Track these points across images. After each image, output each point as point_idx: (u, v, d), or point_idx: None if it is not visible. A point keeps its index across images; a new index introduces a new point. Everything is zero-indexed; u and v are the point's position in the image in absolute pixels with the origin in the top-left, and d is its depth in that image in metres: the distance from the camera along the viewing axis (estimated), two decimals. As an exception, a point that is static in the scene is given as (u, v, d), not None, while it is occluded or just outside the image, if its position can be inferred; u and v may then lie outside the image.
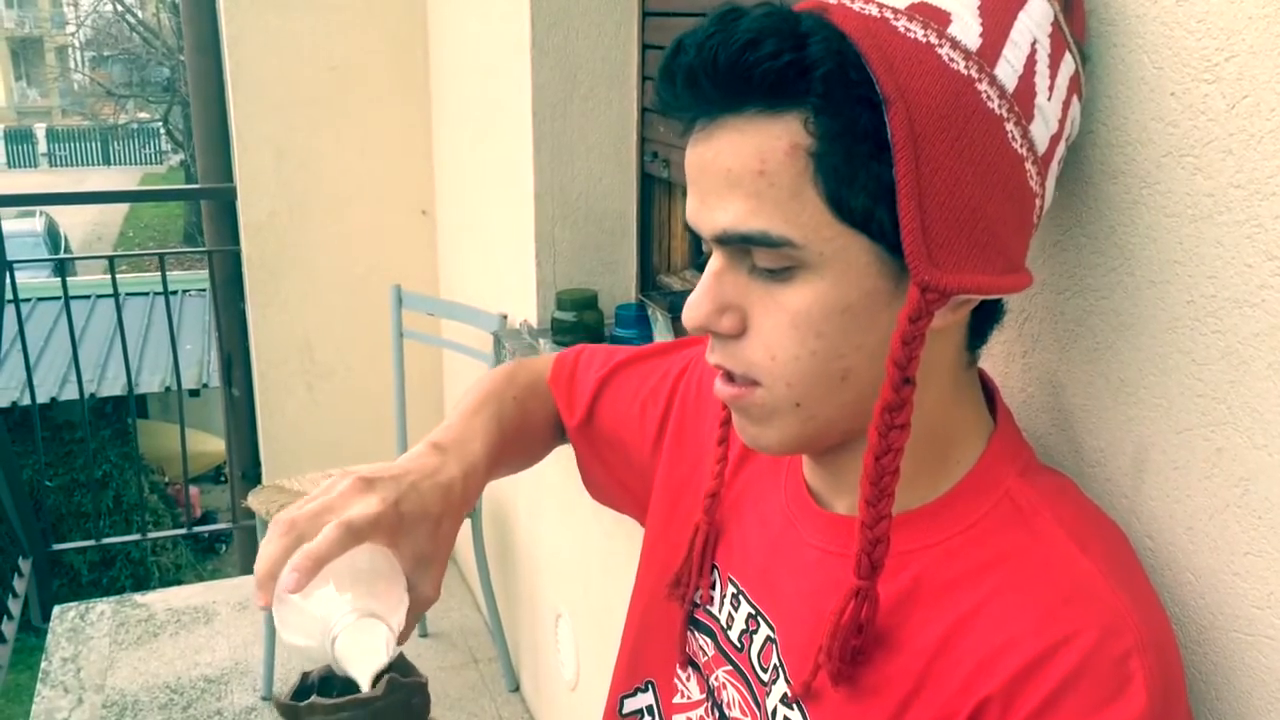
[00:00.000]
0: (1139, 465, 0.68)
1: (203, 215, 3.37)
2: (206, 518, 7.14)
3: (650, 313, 1.70)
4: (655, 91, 0.60)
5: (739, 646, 0.73)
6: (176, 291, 5.67)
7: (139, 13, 16.24)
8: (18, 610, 2.97)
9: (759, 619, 0.72)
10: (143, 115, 19.13)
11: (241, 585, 3.10)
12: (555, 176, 2.00)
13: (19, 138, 20.88)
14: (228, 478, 4.35)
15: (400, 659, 0.59)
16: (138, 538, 3.97)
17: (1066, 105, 0.62)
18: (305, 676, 0.59)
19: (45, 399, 5.78)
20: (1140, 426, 0.68)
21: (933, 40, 0.56)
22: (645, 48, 1.94)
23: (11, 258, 3.03)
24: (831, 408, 0.62)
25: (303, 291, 2.82)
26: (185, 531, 4.08)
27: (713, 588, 0.77)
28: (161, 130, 18.14)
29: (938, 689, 0.59)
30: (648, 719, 0.82)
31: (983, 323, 0.65)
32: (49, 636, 2.84)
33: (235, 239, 2.86)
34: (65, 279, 3.28)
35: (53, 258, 10.39)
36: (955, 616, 0.60)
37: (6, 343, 3.15)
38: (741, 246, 0.60)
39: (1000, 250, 0.59)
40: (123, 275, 5.46)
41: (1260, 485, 0.60)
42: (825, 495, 0.70)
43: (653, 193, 2.02)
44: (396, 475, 0.68)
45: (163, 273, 3.27)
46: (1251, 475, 0.60)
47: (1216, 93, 0.60)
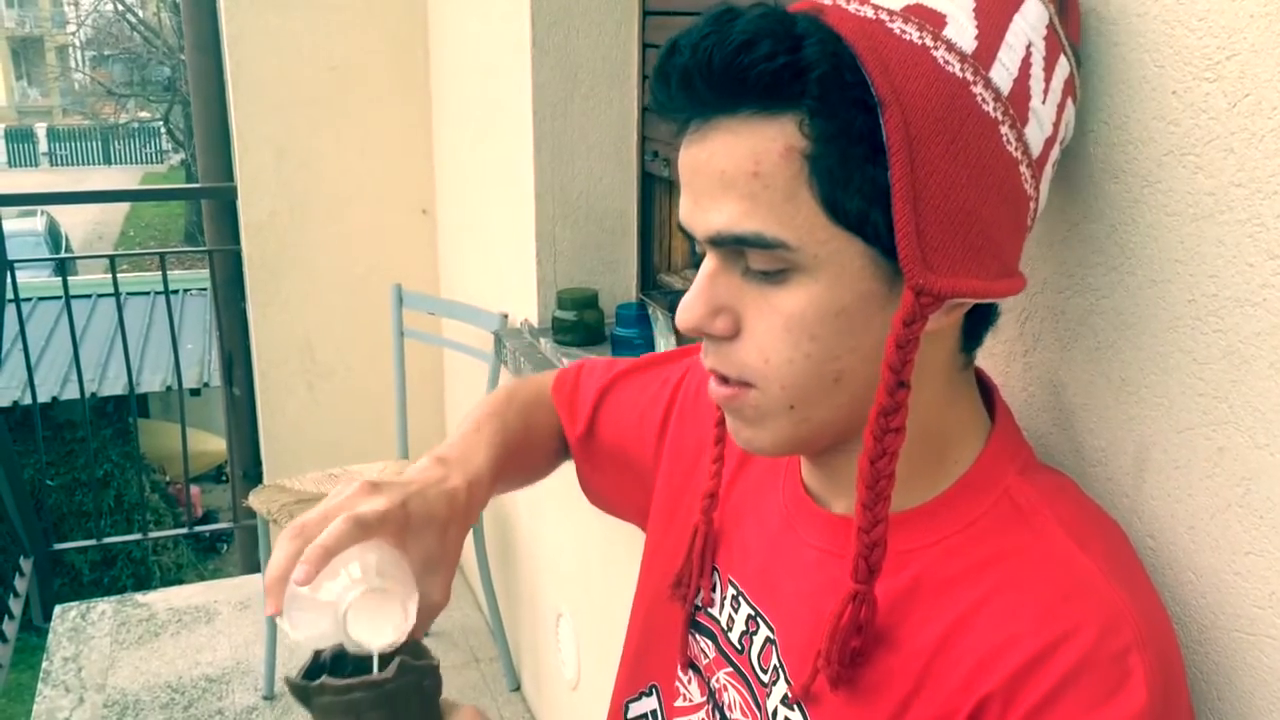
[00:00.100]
0: (1140, 464, 0.68)
1: (203, 215, 3.37)
2: (207, 517, 7.14)
3: (651, 312, 1.69)
4: (650, 92, 0.60)
5: (739, 648, 0.73)
6: (177, 291, 5.67)
7: (139, 12, 16.24)
8: (19, 610, 2.97)
9: (758, 620, 0.72)
10: (143, 115, 19.14)
11: (243, 585, 3.10)
12: (556, 176, 2.00)
13: (20, 137, 20.89)
14: (229, 477, 4.36)
15: (413, 642, 0.59)
16: (139, 537, 3.97)
17: (1061, 108, 0.62)
18: (317, 655, 0.58)
19: (46, 398, 5.78)
20: (1142, 426, 0.68)
21: (928, 43, 0.56)
22: (646, 47, 1.94)
23: (12, 257, 3.03)
24: (825, 410, 0.62)
25: (303, 291, 2.82)
26: (186, 531, 4.08)
27: (713, 590, 0.77)
28: (162, 130, 18.14)
29: (938, 687, 0.59)
30: None
31: (977, 325, 0.65)
32: (50, 636, 2.84)
33: (236, 238, 2.86)
34: (66, 278, 3.28)
35: (54, 257, 10.40)
36: (955, 615, 0.60)
37: (8, 342, 3.15)
38: (735, 248, 0.59)
39: (994, 254, 0.59)
40: (123, 275, 5.47)
41: (1262, 485, 0.60)
42: (823, 495, 0.70)
43: (653, 192, 2.02)
44: (403, 482, 0.69)
45: (163, 272, 3.28)
46: (1253, 474, 0.60)
47: (1218, 91, 0.60)
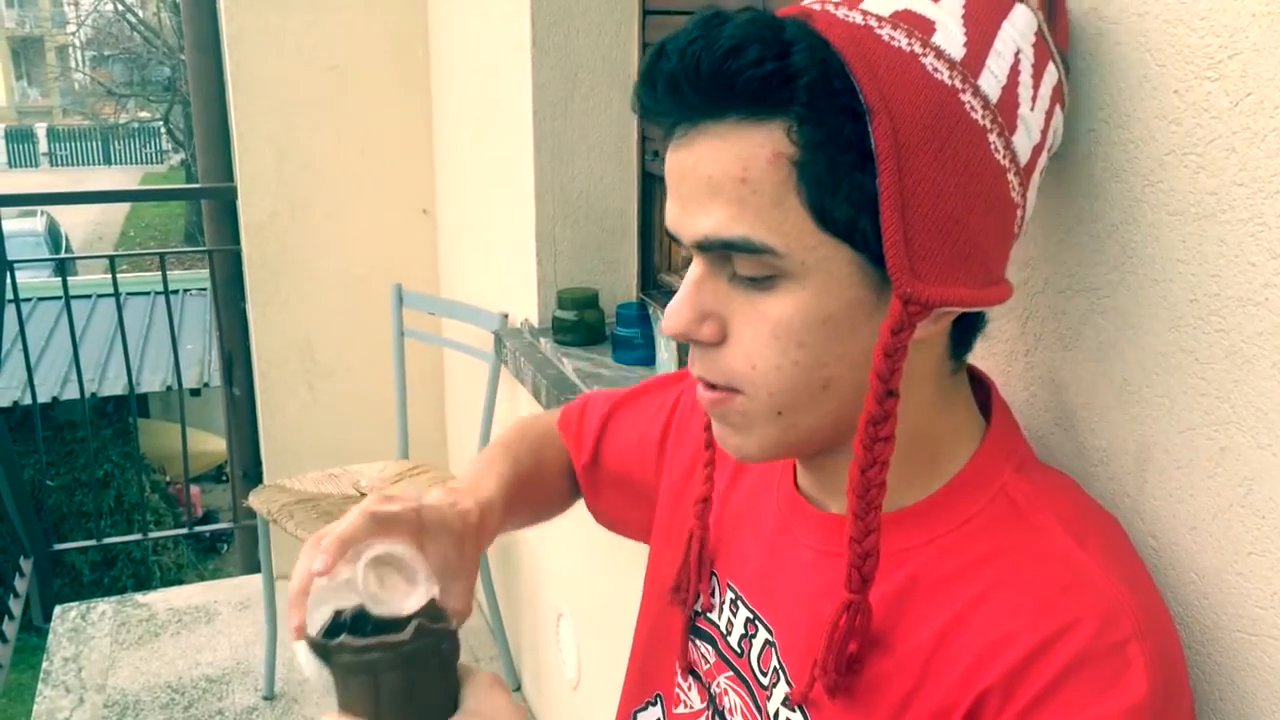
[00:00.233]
0: (1142, 464, 0.68)
1: (203, 215, 3.37)
2: (208, 517, 7.14)
3: (651, 311, 1.69)
4: (635, 95, 0.60)
5: (739, 652, 0.73)
6: (177, 291, 5.68)
7: (139, 12, 16.24)
8: (19, 610, 2.97)
9: (757, 623, 0.72)
10: (143, 115, 19.14)
11: (243, 585, 3.10)
12: (556, 175, 2.00)
13: (20, 137, 20.90)
14: (229, 477, 4.35)
15: (432, 607, 0.59)
16: (139, 537, 3.97)
17: (1049, 115, 0.61)
18: (338, 615, 0.58)
19: (46, 398, 5.78)
20: (1143, 425, 0.67)
21: (916, 49, 0.56)
22: (646, 47, 1.94)
23: (12, 257, 3.03)
24: (813, 417, 0.62)
25: (303, 291, 2.82)
26: (186, 531, 4.08)
27: (712, 595, 0.77)
28: (162, 130, 18.15)
29: (937, 684, 0.59)
30: None
31: (966, 332, 0.65)
32: (50, 636, 2.84)
33: (236, 238, 2.86)
34: (66, 278, 3.28)
35: (54, 257, 10.39)
36: (952, 612, 0.60)
37: (8, 342, 3.15)
38: (722, 253, 0.59)
39: (982, 262, 0.59)
40: (123, 275, 5.46)
41: (1264, 485, 0.60)
42: (818, 497, 0.70)
43: (653, 191, 2.02)
44: (415, 497, 0.70)
45: (163, 272, 3.28)
46: (1255, 475, 0.60)
47: (1219, 90, 0.60)
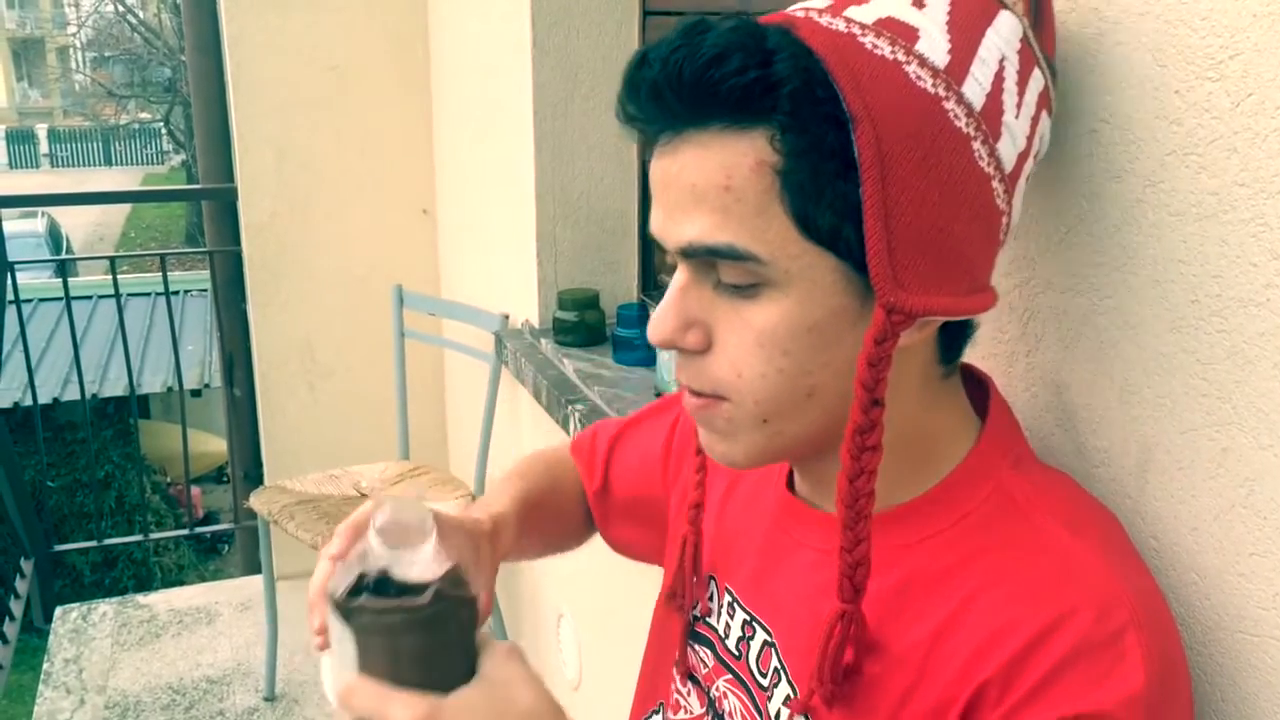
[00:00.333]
0: (1143, 465, 0.68)
1: (204, 216, 3.37)
2: (209, 518, 7.14)
3: (651, 312, 1.69)
4: (619, 103, 0.59)
5: (737, 654, 0.73)
6: (178, 292, 5.67)
7: (140, 13, 16.25)
8: (20, 611, 2.97)
9: (754, 624, 0.72)
10: (144, 116, 19.15)
11: (243, 586, 3.10)
12: (556, 176, 2.00)
13: (21, 138, 20.91)
14: (230, 478, 4.35)
15: (454, 574, 0.59)
16: (140, 538, 3.97)
17: (1035, 122, 0.61)
18: (361, 578, 0.59)
19: (47, 399, 5.79)
20: (1145, 426, 0.67)
21: (900, 57, 0.56)
22: (646, 47, 1.94)
23: (13, 258, 3.03)
24: (799, 424, 0.62)
25: (304, 291, 2.82)
26: (187, 532, 4.06)
27: (710, 599, 0.78)
28: (163, 131, 18.16)
29: (935, 679, 0.59)
30: None
31: (954, 337, 0.64)
32: (51, 637, 2.84)
33: (236, 239, 2.86)
34: (67, 279, 3.28)
35: (54, 258, 10.40)
36: (949, 606, 0.60)
37: (8, 343, 3.15)
38: (706, 260, 0.59)
39: (966, 270, 0.59)
40: (124, 276, 5.47)
41: (1266, 485, 0.60)
42: (813, 498, 0.70)
43: (654, 192, 2.01)
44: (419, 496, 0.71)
45: (164, 273, 3.27)
46: (1257, 475, 0.60)
47: (1221, 90, 0.60)
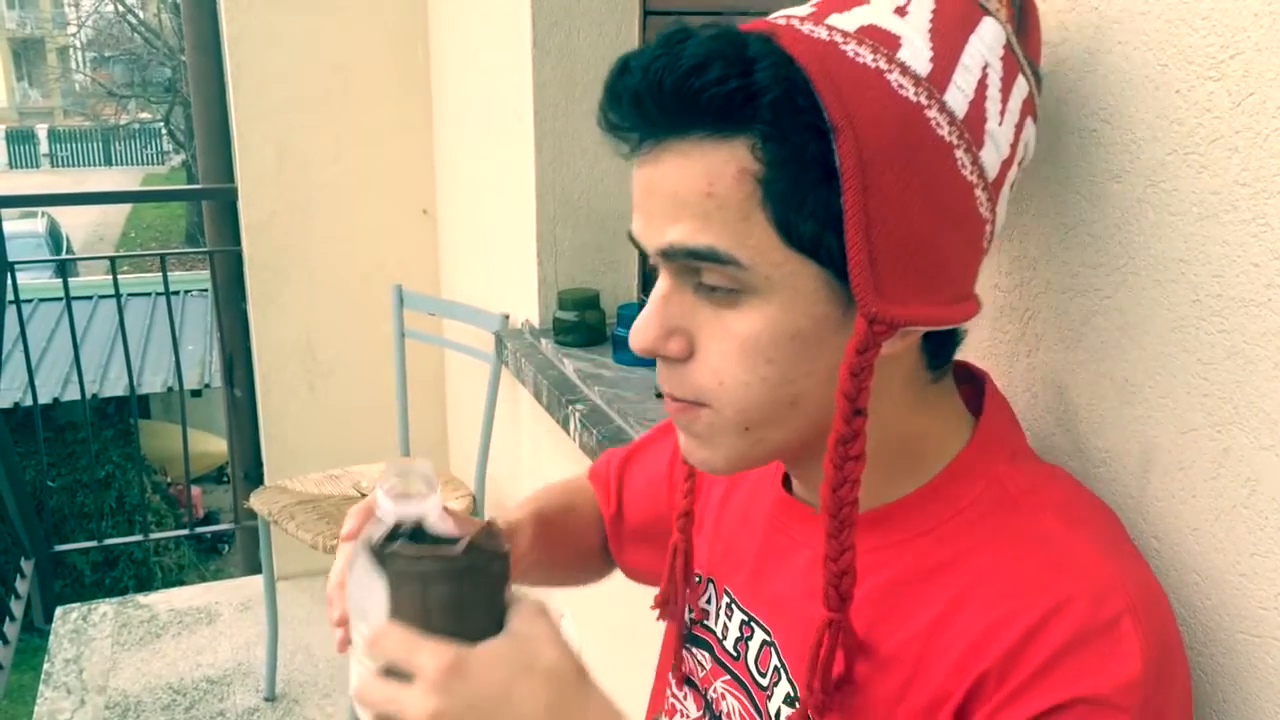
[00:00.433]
0: (1144, 466, 0.68)
1: (204, 216, 3.36)
2: (209, 518, 7.14)
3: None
4: (600, 111, 0.59)
5: (735, 655, 0.73)
6: (178, 292, 5.68)
7: (140, 13, 16.25)
8: (20, 611, 2.97)
9: (753, 624, 0.72)
10: (144, 116, 19.16)
11: (244, 586, 3.10)
12: (556, 176, 2.00)
13: (21, 138, 20.92)
14: (230, 478, 4.35)
15: (489, 531, 0.60)
16: (140, 538, 3.97)
17: (1019, 129, 0.61)
18: (397, 527, 0.60)
19: (47, 400, 5.79)
20: (1146, 427, 0.67)
21: (882, 66, 0.55)
22: (646, 47, 1.94)
23: (13, 258, 3.03)
24: (781, 432, 0.62)
25: (304, 291, 2.82)
26: (188, 532, 4.06)
27: (709, 601, 0.78)
28: (163, 131, 18.17)
29: (931, 672, 0.59)
30: None
31: (941, 344, 0.64)
32: (51, 637, 2.84)
33: (237, 239, 2.86)
34: (67, 279, 3.28)
35: (54, 258, 10.41)
36: (944, 600, 0.60)
37: (8, 343, 3.15)
38: (688, 265, 0.59)
39: (948, 280, 0.58)
40: (124, 276, 5.47)
41: (1267, 486, 0.60)
42: (810, 498, 0.70)
43: (654, 192, 2.01)
44: None
45: (164, 273, 3.27)
46: (1258, 475, 0.60)
47: (1221, 90, 0.60)
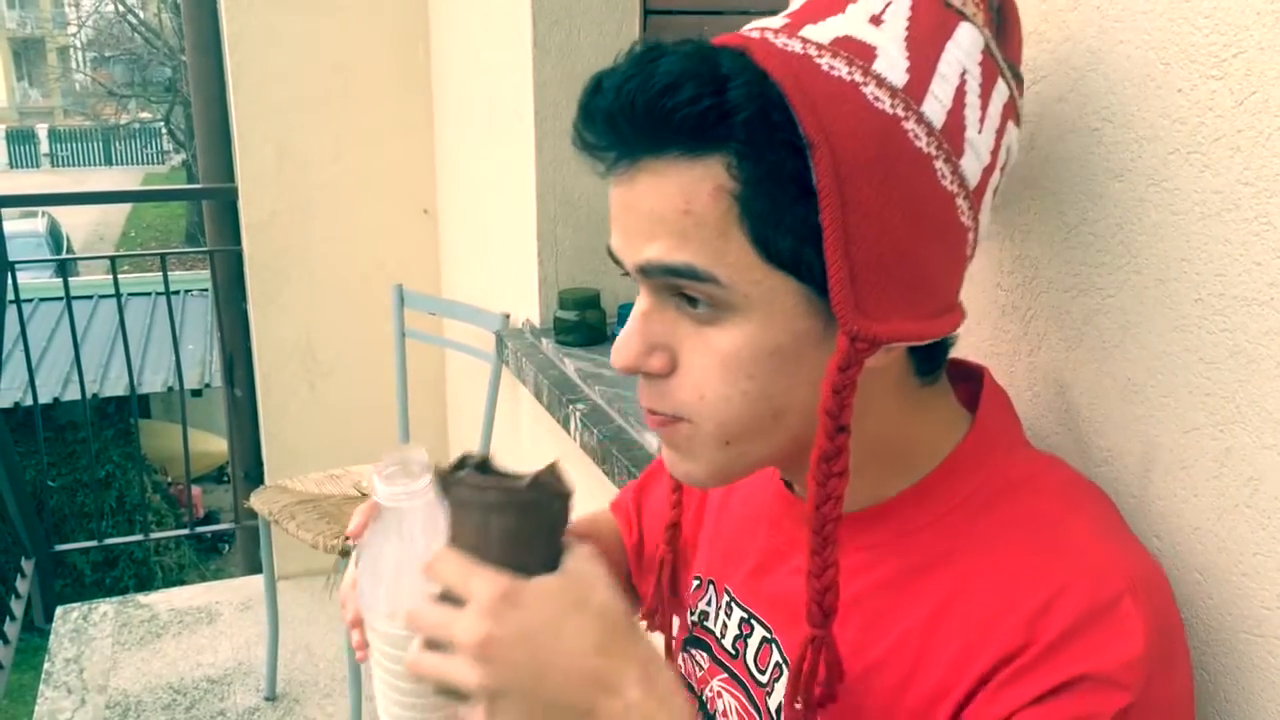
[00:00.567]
0: (1147, 465, 0.68)
1: (204, 215, 3.36)
2: (209, 518, 7.14)
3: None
4: (574, 130, 0.59)
5: (734, 653, 0.73)
6: (178, 291, 5.68)
7: (140, 13, 16.26)
8: (21, 611, 2.97)
9: (752, 622, 0.72)
10: (144, 115, 19.17)
11: (244, 585, 3.10)
12: (557, 175, 2.00)
13: (21, 138, 20.93)
14: (230, 478, 4.35)
15: (554, 469, 0.61)
16: (140, 538, 3.97)
17: (1000, 135, 0.60)
18: (466, 458, 0.61)
19: (48, 399, 5.78)
20: (1148, 426, 0.67)
21: (857, 79, 0.55)
22: (647, 46, 1.94)
23: (13, 258, 3.03)
24: (763, 446, 0.62)
25: (305, 291, 2.82)
26: (188, 532, 4.06)
27: (709, 602, 0.78)
28: (163, 130, 18.18)
29: (934, 664, 0.59)
30: None
31: (929, 352, 0.63)
32: (52, 637, 2.84)
33: (237, 239, 2.86)
34: (67, 279, 3.28)
35: (55, 258, 10.42)
36: (949, 589, 0.60)
37: (9, 343, 3.15)
38: (667, 281, 0.58)
39: (930, 293, 0.58)
40: (125, 275, 5.47)
41: (1269, 485, 0.60)
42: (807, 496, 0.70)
43: (655, 191, 2.01)
44: None
45: (164, 273, 3.27)
46: (1260, 475, 0.60)
47: (1224, 89, 0.60)
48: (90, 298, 6.98)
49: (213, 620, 2.89)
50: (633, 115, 0.55)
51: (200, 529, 4.62)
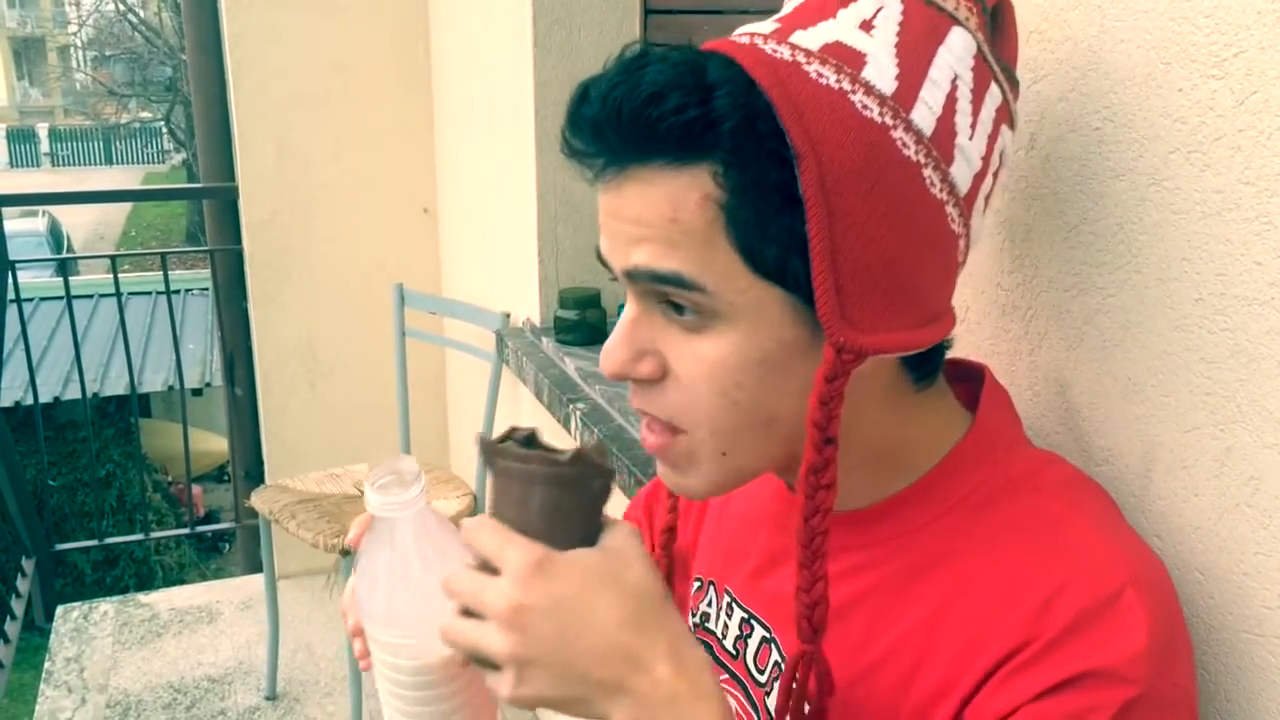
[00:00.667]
0: (1147, 464, 0.68)
1: (205, 214, 3.36)
2: (210, 517, 7.14)
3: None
4: (562, 138, 0.59)
5: (734, 653, 0.74)
6: (179, 291, 5.69)
7: (141, 12, 16.26)
8: (21, 610, 2.97)
9: (752, 622, 0.72)
10: (145, 114, 19.17)
11: (244, 585, 3.10)
12: (557, 175, 2.00)
13: (21, 137, 20.93)
14: (231, 477, 4.35)
15: (598, 446, 0.61)
16: (141, 537, 3.97)
17: (993, 140, 0.59)
18: (513, 430, 0.61)
19: (48, 398, 5.79)
20: (1148, 425, 0.67)
21: (846, 86, 0.54)
22: (647, 45, 1.94)
23: (14, 257, 3.03)
24: (758, 455, 0.61)
25: (305, 290, 2.82)
26: (188, 531, 4.08)
27: (710, 604, 0.78)
28: (163, 129, 18.18)
29: (936, 662, 0.59)
30: None
31: (923, 357, 0.63)
32: (52, 636, 2.84)
33: (237, 238, 2.86)
34: (68, 278, 3.28)
35: (55, 257, 10.43)
36: (950, 587, 0.60)
37: (9, 342, 3.15)
38: (654, 288, 0.58)
39: (918, 302, 0.57)
40: (125, 274, 5.47)
41: (1270, 484, 0.60)
42: None
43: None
44: None
45: (165, 272, 3.27)
46: (1261, 474, 0.60)
47: (1225, 89, 0.60)
48: (91, 297, 6.98)
49: (213, 619, 2.89)
50: (619, 124, 0.55)
51: (201, 528, 4.63)
